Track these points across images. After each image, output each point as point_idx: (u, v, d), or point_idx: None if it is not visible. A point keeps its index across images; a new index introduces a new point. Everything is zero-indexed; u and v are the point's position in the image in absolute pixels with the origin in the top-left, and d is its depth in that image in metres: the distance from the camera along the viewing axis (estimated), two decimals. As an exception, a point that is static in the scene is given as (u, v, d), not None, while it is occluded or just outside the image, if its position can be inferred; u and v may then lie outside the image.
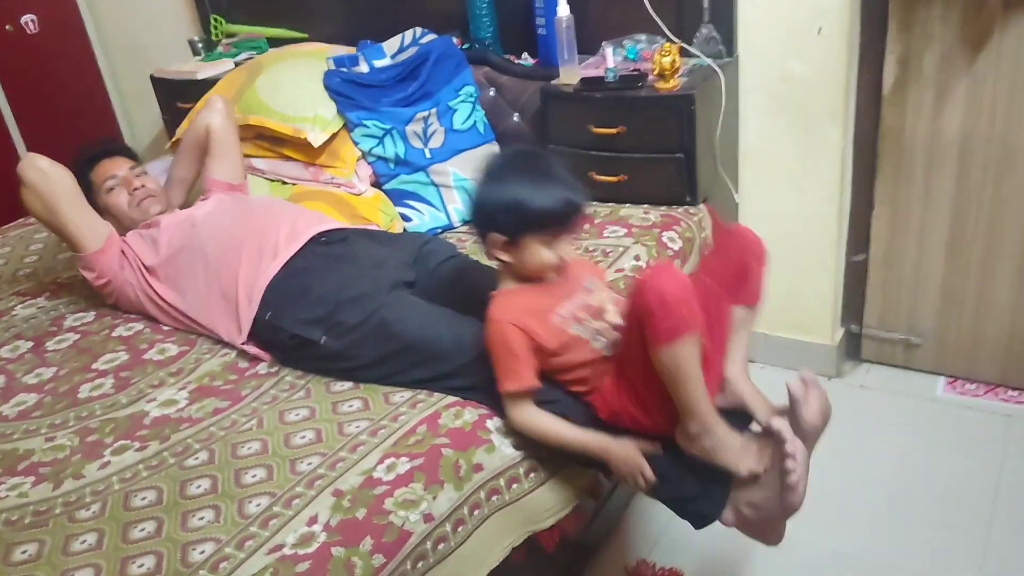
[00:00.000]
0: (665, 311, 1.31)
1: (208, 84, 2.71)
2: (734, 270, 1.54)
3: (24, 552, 1.33)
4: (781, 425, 1.40)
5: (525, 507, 1.51)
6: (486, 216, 1.48)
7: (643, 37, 2.33)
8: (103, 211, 2.06)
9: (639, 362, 1.40)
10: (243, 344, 1.80)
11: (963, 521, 1.99)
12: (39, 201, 1.93)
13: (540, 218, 1.43)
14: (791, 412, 1.44)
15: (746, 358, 1.58)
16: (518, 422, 1.48)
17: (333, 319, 1.67)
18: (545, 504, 1.54)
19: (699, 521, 1.56)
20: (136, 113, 3.68)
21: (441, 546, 1.37)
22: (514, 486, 1.50)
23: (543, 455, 1.53)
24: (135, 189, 2.08)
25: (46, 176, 1.92)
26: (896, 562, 1.91)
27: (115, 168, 2.11)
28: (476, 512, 1.44)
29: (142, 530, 1.34)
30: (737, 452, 1.44)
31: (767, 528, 1.52)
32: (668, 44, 2.13)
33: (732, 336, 1.55)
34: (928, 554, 1.92)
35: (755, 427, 1.53)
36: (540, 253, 1.46)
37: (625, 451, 1.47)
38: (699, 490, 1.52)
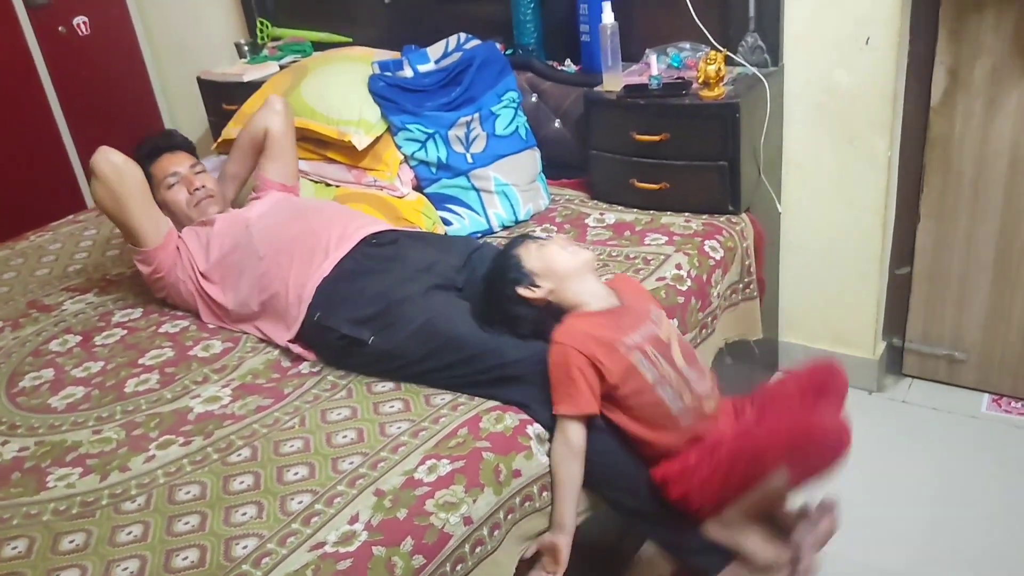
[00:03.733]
0: (829, 470, 1.40)
1: (253, 87, 2.75)
2: (814, 392, 1.56)
3: (72, 542, 1.35)
4: (802, 540, 1.49)
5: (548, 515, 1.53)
6: (504, 296, 1.60)
7: (687, 45, 2.32)
8: (160, 205, 2.09)
9: (753, 473, 1.45)
10: (289, 342, 1.81)
11: (1005, 540, 1.96)
12: (108, 194, 1.96)
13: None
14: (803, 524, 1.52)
15: None
16: (557, 441, 1.50)
17: (383, 319, 1.68)
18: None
19: (695, 569, 1.61)
20: (181, 114, 3.74)
21: (479, 549, 1.38)
22: (544, 494, 1.51)
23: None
24: (195, 189, 2.11)
25: (118, 171, 1.95)
26: (937, 580, 1.88)
27: (177, 164, 2.13)
28: (510, 516, 1.44)
29: (186, 523, 1.36)
30: (760, 541, 1.52)
31: None
32: (713, 52, 2.13)
33: None
34: (970, 572, 1.88)
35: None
36: (558, 259, 1.56)
37: (563, 546, 1.48)
38: (706, 545, 1.54)
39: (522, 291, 1.58)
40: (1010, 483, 2.12)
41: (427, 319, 1.65)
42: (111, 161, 1.95)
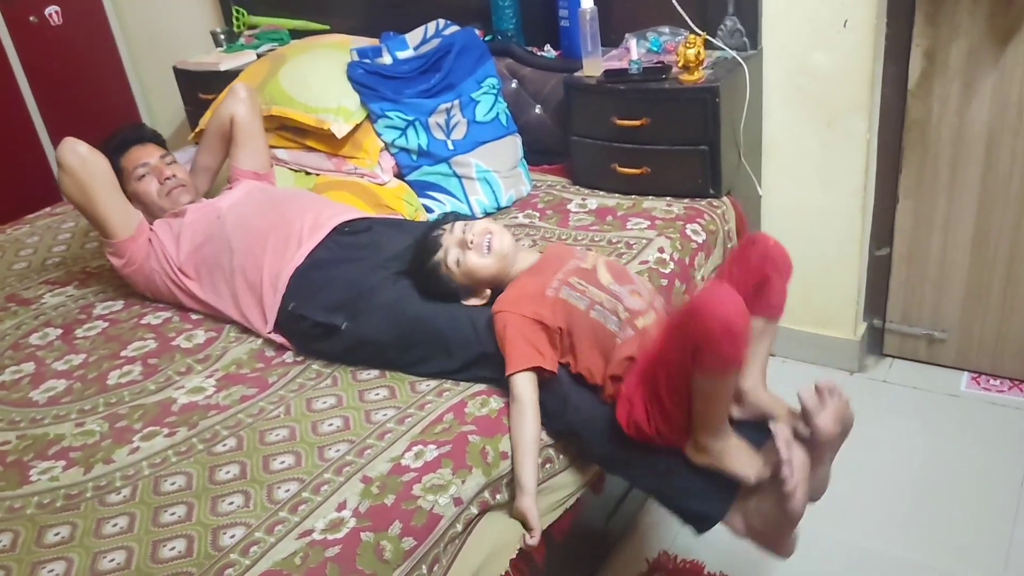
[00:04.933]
0: (730, 342, 1.29)
1: (230, 75, 2.72)
2: (755, 280, 1.52)
3: (57, 534, 1.34)
4: (779, 430, 1.38)
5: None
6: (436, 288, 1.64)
7: (667, 29, 2.32)
8: (131, 197, 2.07)
9: (677, 380, 1.39)
10: (269, 333, 1.81)
11: (987, 517, 1.98)
12: (75, 186, 1.94)
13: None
14: (805, 420, 1.41)
15: (765, 369, 1.56)
16: (511, 404, 1.49)
17: (355, 306, 1.69)
18: (557, 492, 1.56)
19: (701, 523, 1.53)
20: (158, 104, 3.70)
21: (470, 526, 1.38)
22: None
23: (557, 448, 1.55)
24: (166, 179, 2.10)
25: (84, 162, 1.93)
26: (919, 558, 1.90)
27: (146, 155, 2.12)
28: (497, 497, 1.45)
29: (173, 514, 1.36)
30: (745, 459, 1.44)
31: (776, 537, 1.51)
32: (692, 36, 2.13)
33: (750, 346, 1.51)
34: (951, 550, 1.91)
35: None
36: (468, 263, 1.59)
37: (527, 507, 1.44)
38: (703, 487, 1.49)
39: (468, 302, 1.65)
40: (989, 460, 2.15)
41: (394, 303, 1.67)
42: (77, 152, 1.93)
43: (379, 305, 1.68)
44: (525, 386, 1.49)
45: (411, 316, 1.64)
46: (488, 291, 1.65)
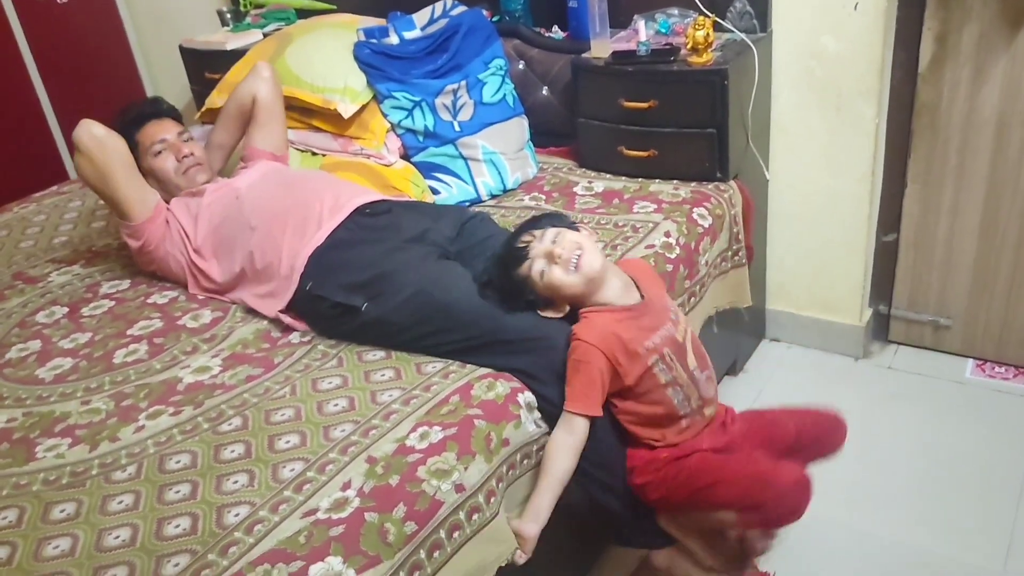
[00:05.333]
0: (782, 526, 1.46)
1: (237, 55, 2.71)
2: (810, 443, 1.58)
3: (63, 511, 1.35)
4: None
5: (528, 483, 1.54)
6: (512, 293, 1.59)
7: (676, 11, 2.31)
8: (146, 173, 2.06)
9: (714, 503, 1.50)
10: (278, 313, 1.80)
11: (990, 503, 1.99)
12: (92, 167, 1.93)
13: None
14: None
15: None
16: (562, 433, 1.51)
17: (375, 287, 1.67)
18: None
19: (620, 540, 1.72)
20: (164, 83, 3.69)
21: (476, 516, 1.38)
22: (525, 461, 1.53)
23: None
24: (184, 156, 2.08)
25: (102, 143, 1.92)
26: (922, 543, 1.90)
27: (163, 131, 2.10)
28: (500, 485, 1.45)
29: (177, 492, 1.36)
30: (704, 550, 1.61)
31: None
32: (701, 18, 2.11)
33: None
34: (955, 536, 1.91)
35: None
36: (547, 275, 1.52)
37: (531, 536, 1.48)
38: (649, 528, 1.62)
39: (545, 314, 1.58)
40: (993, 447, 2.15)
41: (421, 286, 1.64)
42: (94, 134, 1.92)
43: (401, 288, 1.65)
44: (584, 427, 1.49)
45: (440, 302, 1.62)
46: (568, 307, 1.58)
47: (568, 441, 1.49)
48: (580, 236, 1.55)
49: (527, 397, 1.54)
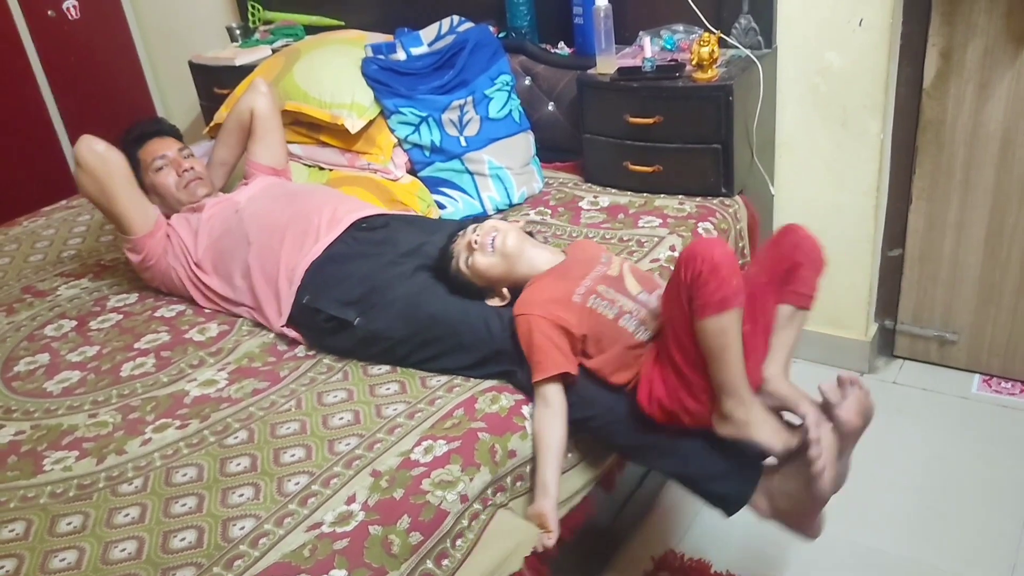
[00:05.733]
0: (717, 279, 1.33)
1: (245, 70, 2.74)
2: (784, 266, 1.54)
3: (69, 524, 1.36)
4: (808, 409, 1.40)
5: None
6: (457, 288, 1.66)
7: (681, 27, 2.32)
8: (148, 190, 2.09)
9: (683, 339, 1.41)
10: (282, 327, 1.82)
11: (996, 519, 1.98)
12: (94, 183, 1.96)
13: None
14: (826, 411, 1.43)
15: (788, 359, 1.56)
16: (538, 406, 1.51)
17: (368, 301, 1.69)
18: (567, 489, 1.57)
19: (728, 505, 1.54)
20: (173, 99, 3.72)
21: (474, 523, 1.39)
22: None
23: (569, 445, 1.54)
24: (184, 171, 2.11)
25: (103, 159, 1.95)
26: (928, 559, 1.90)
27: (164, 148, 2.13)
28: (499, 495, 1.45)
29: (183, 505, 1.37)
30: (772, 429, 1.43)
31: (802, 519, 1.52)
32: (707, 34, 2.12)
33: (775, 334, 1.53)
34: (961, 552, 1.90)
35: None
36: (475, 263, 1.61)
37: (548, 510, 1.44)
38: (727, 469, 1.51)
39: (491, 303, 1.65)
40: (1000, 463, 2.14)
41: (408, 299, 1.67)
42: (94, 150, 1.94)
43: (393, 301, 1.68)
44: (556, 392, 1.50)
45: (426, 314, 1.65)
46: (506, 291, 1.64)
47: (547, 412, 1.49)
48: (495, 220, 1.68)
49: (531, 409, 1.54)
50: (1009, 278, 2.31)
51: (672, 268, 1.90)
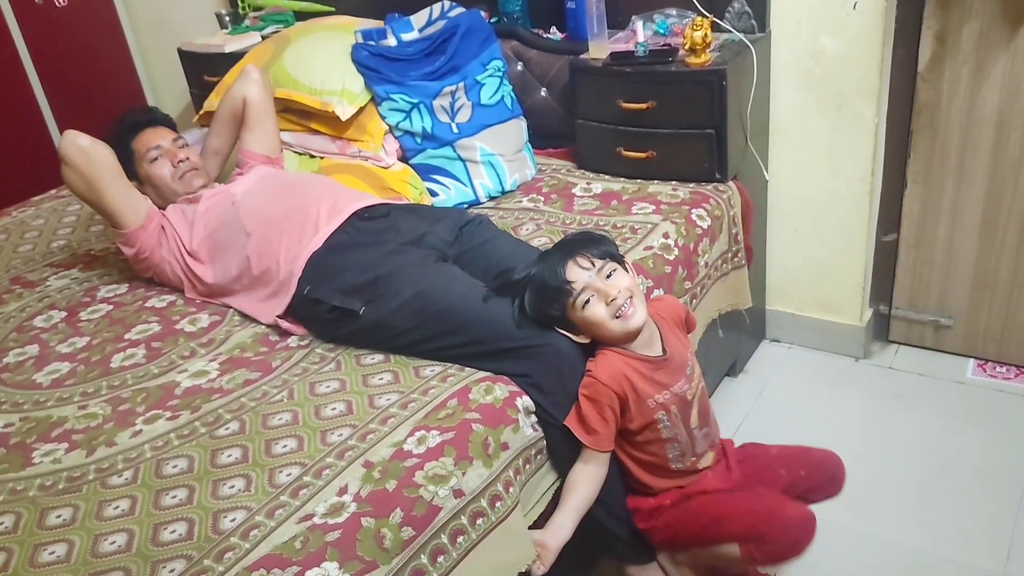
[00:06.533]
0: (787, 560, 1.47)
1: (235, 57, 2.71)
2: (810, 484, 1.61)
3: (59, 516, 1.35)
4: None
5: (530, 487, 1.55)
6: (542, 308, 1.53)
7: (674, 12, 2.30)
8: (143, 181, 2.06)
9: (717, 537, 1.52)
10: (277, 318, 1.80)
11: (991, 504, 1.98)
12: (80, 179, 1.93)
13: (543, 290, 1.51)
14: None
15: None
16: (585, 467, 1.54)
17: (373, 290, 1.67)
18: (544, 485, 1.59)
19: (616, 554, 1.72)
20: (163, 86, 3.69)
21: (480, 521, 1.38)
22: (528, 466, 1.53)
23: (553, 440, 1.56)
24: (179, 161, 2.08)
25: (87, 154, 1.92)
26: (923, 544, 1.90)
27: (158, 138, 2.10)
28: (511, 490, 1.45)
29: (174, 497, 1.36)
30: None
31: None
32: (700, 18, 2.11)
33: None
34: (956, 536, 1.91)
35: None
36: (583, 315, 1.49)
37: (552, 550, 1.49)
38: (629, 538, 1.66)
39: (564, 333, 1.55)
40: (995, 448, 2.14)
41: (420, 289, 1.64)
42: (78, 145, 1.91)
43: (399, 291, 1.65)
44: (601, 459, 1.54)
45: (438, 307, 1.61)
46: (590, 339, 1.55)
47: (585, 470, 1.54)
48: (631, 281, 1.51)
49: (525, 401, 1.53)
50: (1004, 262, 2.31)
51: (664, 256, 1.91)
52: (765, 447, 1.71)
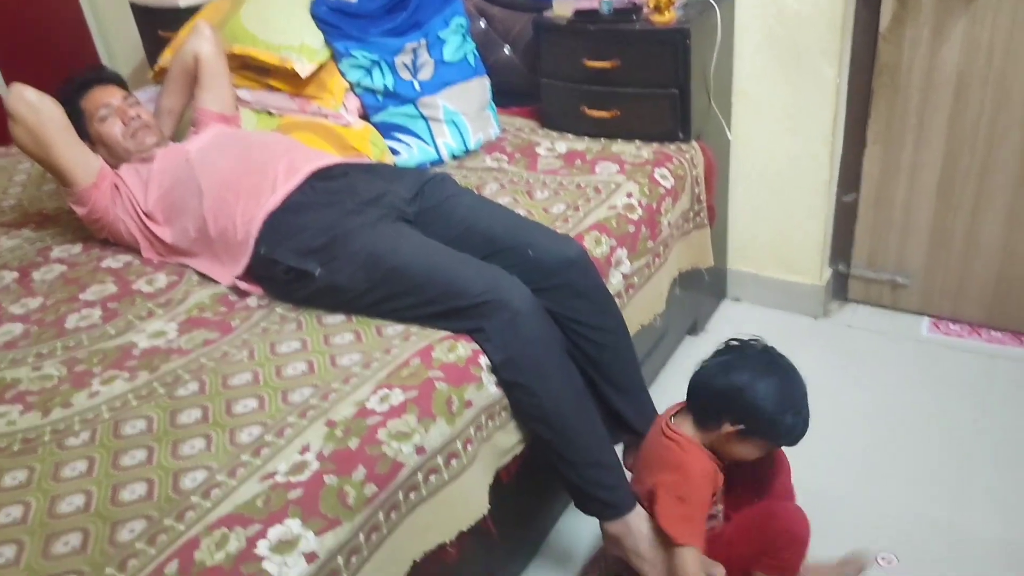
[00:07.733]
0: (794, 563, 1.57)
1: (190, 12, 2.64)
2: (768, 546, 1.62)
3: (14, 479, 1.32)
4: None
5: (496, 443, 1.56)
6: (738, 403, 1.55)
7: (638, -31, 2.28)
8: (94, 141, 2.01)
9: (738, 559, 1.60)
10: (235, 279, 1.77)
11: (945, 460, 2.03)
12: (28, 135, 1.87)
13: (782, 438, 1.60)
14: None
15: None
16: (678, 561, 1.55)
17: (329, 251, 1.65)
18: (511, 440, 1.59)
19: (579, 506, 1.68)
20: (116, 42, 3.58)
21: (432, 478, 1.38)
22: (490, 423, 1.53)
23: (516, 398, 1.56)
24: (130, 119, 2.03)
25: (35, 109, 1.86)
26: (878, 500, 1.94)
27: (108, 97, 2.04)
28: (469, 448, 1.45)
29: (133, 458, 1.34)
30: None
31: None
32: (664, -24, 2.09)
33: None
34: (909, 492, 1.95)
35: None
36: (752, 452, 1.60)
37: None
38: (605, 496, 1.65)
39: (728, 426, 1.58)
40: (948, 403, 2.19)
41: (371, 250, 1.62)
42: (26, 99, 1.85)
43: (354, 252, 1.63)
44: (694, 556, 1.54)
45: (388, 267, 1.60)
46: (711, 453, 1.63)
47: (695, 558, 1.54)
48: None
49: (487, 360, 1.53)
50: (960, 222, 2.34)
51: (627, 216, 1.92)
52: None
